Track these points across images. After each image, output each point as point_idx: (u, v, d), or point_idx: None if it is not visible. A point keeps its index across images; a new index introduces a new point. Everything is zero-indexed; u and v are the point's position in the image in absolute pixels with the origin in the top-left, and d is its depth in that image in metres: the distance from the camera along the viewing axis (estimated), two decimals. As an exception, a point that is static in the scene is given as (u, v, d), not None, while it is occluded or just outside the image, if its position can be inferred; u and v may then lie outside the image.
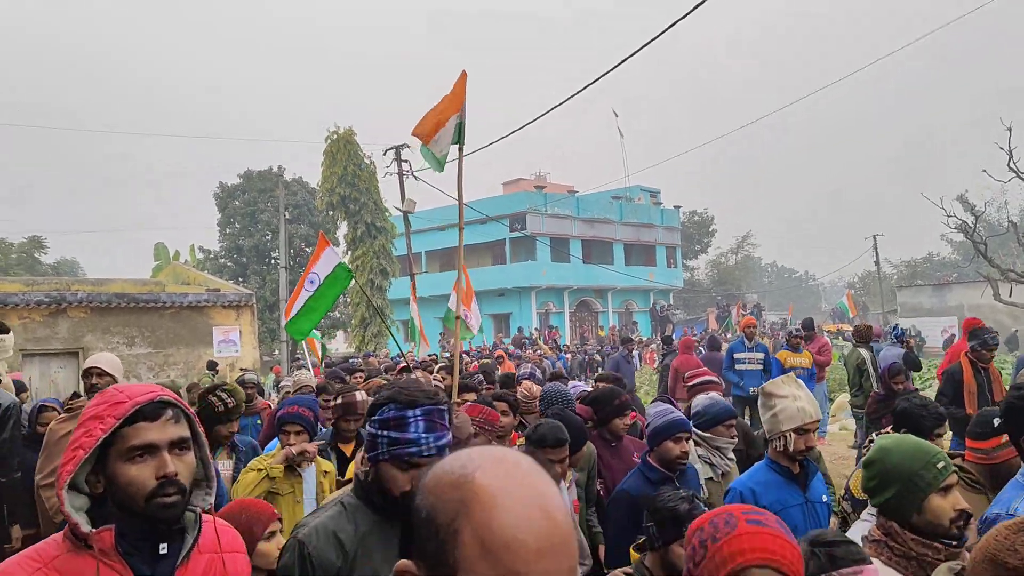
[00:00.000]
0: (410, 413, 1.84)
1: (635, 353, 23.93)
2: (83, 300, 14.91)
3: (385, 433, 1.85)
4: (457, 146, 5.93)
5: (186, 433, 1.67)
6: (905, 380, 6.68)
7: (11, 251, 45.61)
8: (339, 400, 4.41)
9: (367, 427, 1.92)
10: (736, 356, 10.04)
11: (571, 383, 6.75)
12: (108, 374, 4.19)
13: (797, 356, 10.14)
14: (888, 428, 3.91)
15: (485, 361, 13.24)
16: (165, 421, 1.62)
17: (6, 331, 4.64)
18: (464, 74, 6.27)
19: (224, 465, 3.92)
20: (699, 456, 3.96)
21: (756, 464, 3.24)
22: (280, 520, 2.71)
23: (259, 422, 6.87)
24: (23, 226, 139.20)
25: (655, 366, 20.43)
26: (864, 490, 2.27)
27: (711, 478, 3.94)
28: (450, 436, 1.90)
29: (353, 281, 8.10)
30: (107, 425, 1.56)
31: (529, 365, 9.77)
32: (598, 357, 23.22)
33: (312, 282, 7.60)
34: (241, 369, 8.95)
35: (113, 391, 1.64)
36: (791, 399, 3.05)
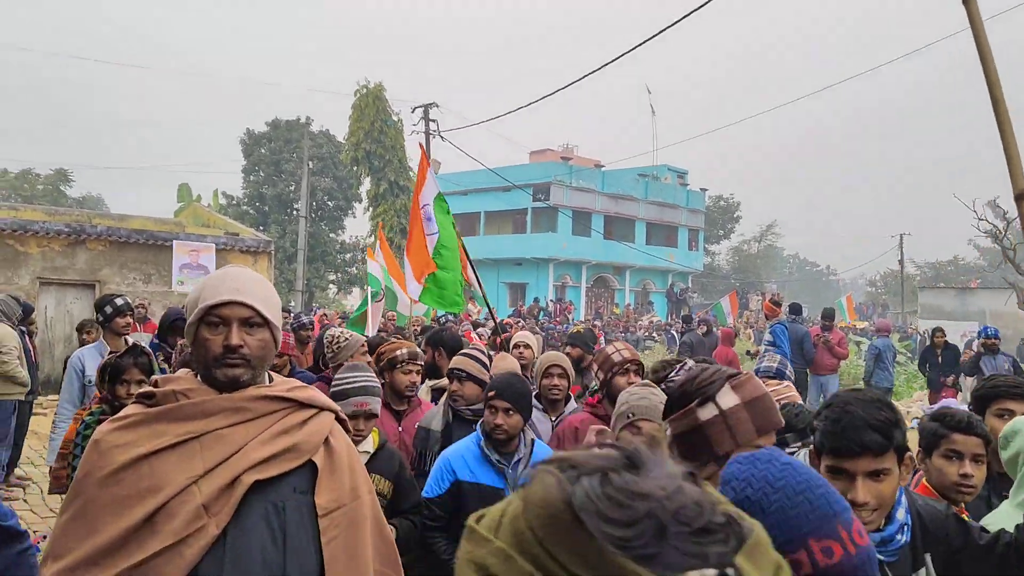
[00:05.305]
0: None
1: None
2: (103, 233, 14.95)
3: None
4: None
5: None
6: None
7: (38, 182, 46.00)
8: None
9: None
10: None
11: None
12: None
13: None
14: None
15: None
16: None
17: None
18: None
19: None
20: None
21: None
22: None
23: None
24: (51, 159, 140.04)
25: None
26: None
27: None
28: None
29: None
30: None
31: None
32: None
33: (429, 219, 6.20)
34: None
35: None
36: None
